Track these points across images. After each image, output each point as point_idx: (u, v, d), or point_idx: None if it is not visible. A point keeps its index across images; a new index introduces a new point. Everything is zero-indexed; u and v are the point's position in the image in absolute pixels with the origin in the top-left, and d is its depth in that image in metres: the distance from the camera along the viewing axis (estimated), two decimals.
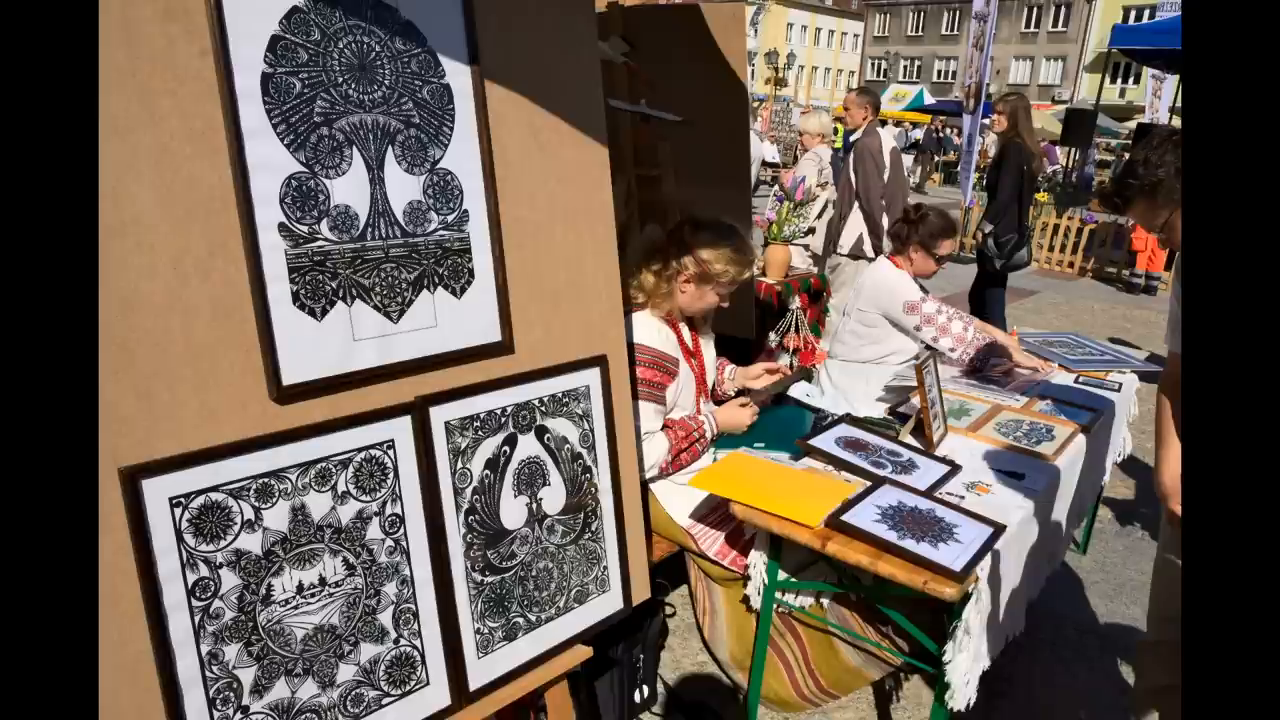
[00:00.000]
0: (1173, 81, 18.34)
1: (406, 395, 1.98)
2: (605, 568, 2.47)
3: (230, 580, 1.72)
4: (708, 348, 3.56)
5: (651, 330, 3.25)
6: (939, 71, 61.99)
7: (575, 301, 2.33)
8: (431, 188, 1.96)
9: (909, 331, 4.48)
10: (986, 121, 14.39)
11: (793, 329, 5.96)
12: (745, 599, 3.11)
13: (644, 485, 3.10)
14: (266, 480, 1.76)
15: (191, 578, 1.67)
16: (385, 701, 1.99)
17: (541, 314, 2.25)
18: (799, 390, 3.84)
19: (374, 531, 1.94)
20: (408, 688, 2.03)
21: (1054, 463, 3.23)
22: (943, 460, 3.19)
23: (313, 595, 1.85)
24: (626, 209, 4.60)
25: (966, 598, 2.49)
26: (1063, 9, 54.64)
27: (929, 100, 38.97)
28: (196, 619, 1.68)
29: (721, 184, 5.00)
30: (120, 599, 1.58)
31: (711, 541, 3.23)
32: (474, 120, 2.02)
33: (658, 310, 3.29)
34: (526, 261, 2.19)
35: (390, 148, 1.88)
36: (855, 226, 7.47)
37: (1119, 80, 46.83)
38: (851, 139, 7.64)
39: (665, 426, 3.26)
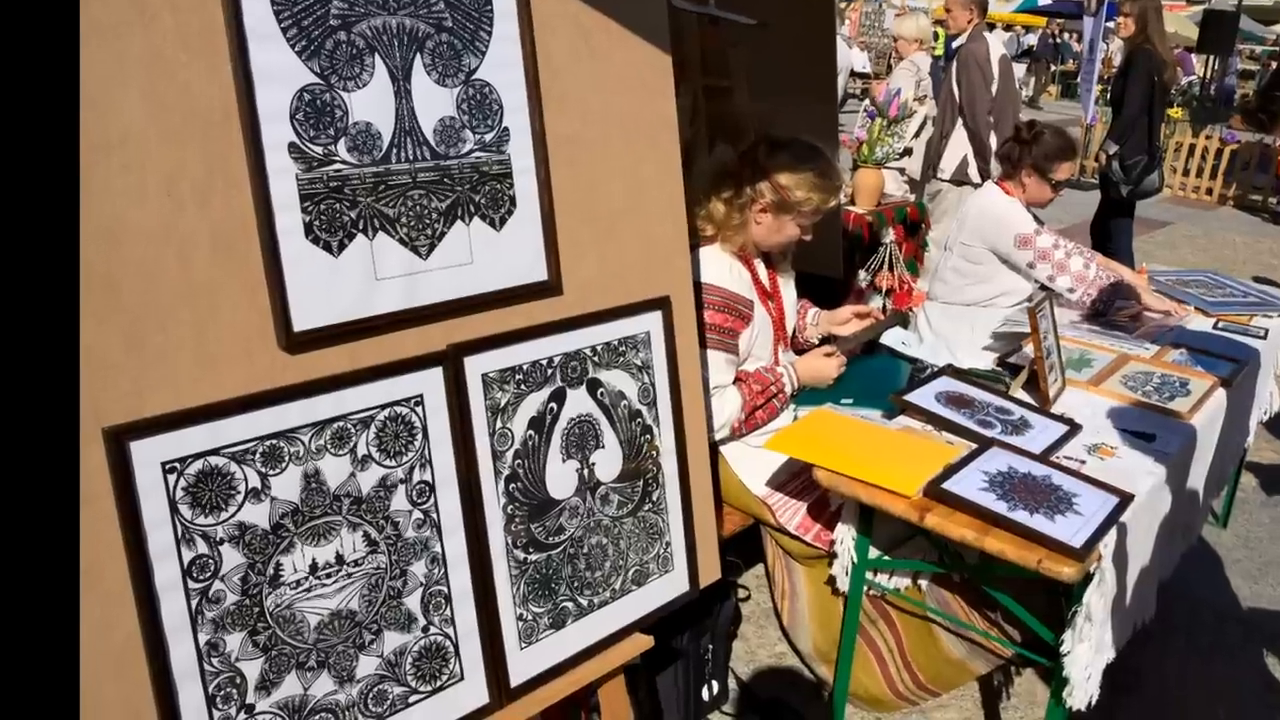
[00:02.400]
0: None
1: (437, 343, 1.97)
2: (668, 544, 2.46)
3: (232, 558, 1.71)
4: (787, 288, 3.55)
5: (722, 268, 3.23)
6: None
7: (633, 234, 2.32)
8: (466, 102, 1.94)
9: (1021, 269, 4.47)
10: (1111, 25, 14.13)
11: (886, 266, 5.95)
12: (830, 580, 3.11)
13: (713, 448, 3.14)
14: (275, 442, 1.75)
15: (187, 555, 1.65)
16: (412, 699, 1.98)
17: (594, 249, 2.23)
18: (893, 338, 3.86)
19: (399, 502, 1.93)
20: (439, 683, 2.02)
21: (1189, 421, 3.20)
22: (1060, 419, 3.16)
23: (328, 576, 1.84)
24: (692, 126, 4.56)
25: (1088, 579, 2.46)
26: None
27: (1044, 0, 38.32)
28: (193, 603, 1.67)
29: (803, 97, 4.92)
30: (104, 578, 1.57)
31: (791, 513, 3.23)
32: (515, 22, 2.00)
33: (729, 245, 3.27)
34: (577, 187, 2.17)
35: (418, 55, 1.86)
36: (958, 147, 7.41)
37: None
38: (954, 45, 7.62)
39: (738, 379, 3.25)
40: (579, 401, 2.24)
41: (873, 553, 2.95)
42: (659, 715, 3.03)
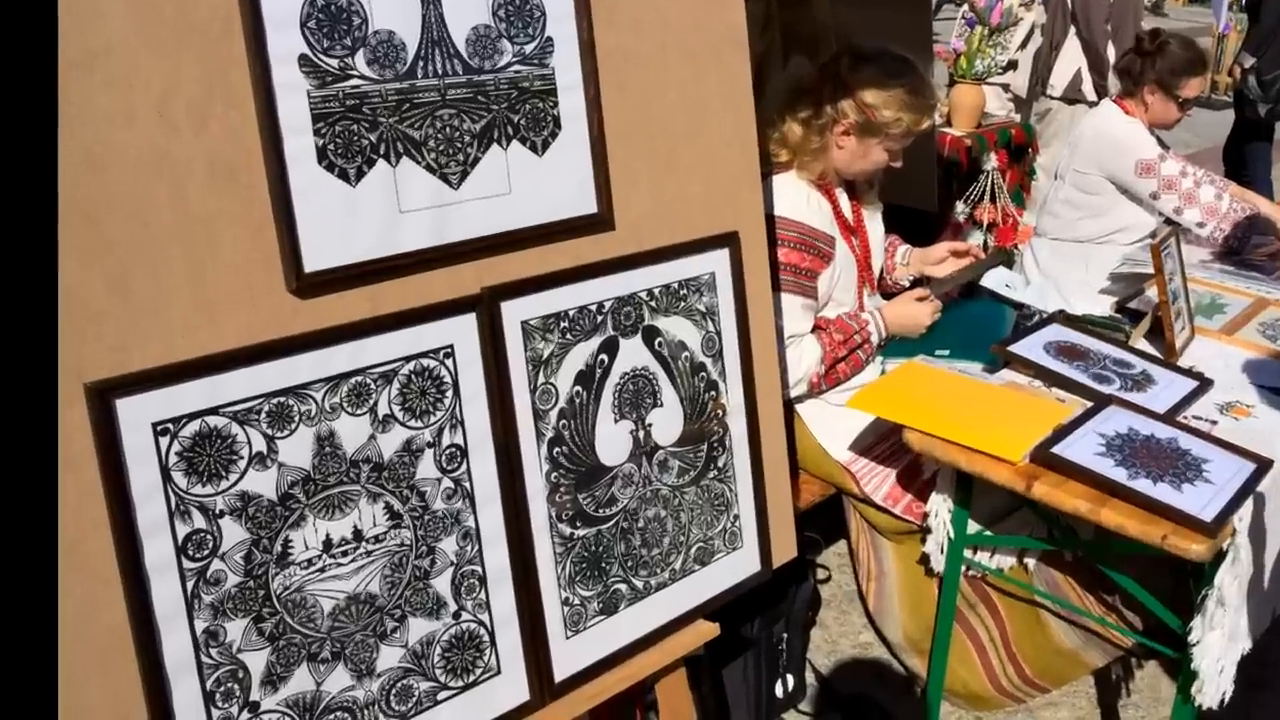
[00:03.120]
0: None
1: (470, 286, 1.96)
2: (736, 517, 2.45)
3: (234, 534, 1.70)
4: (873, 222, 3.54)
5: (799, 199, 3.20)
6: None
7: (696, 161, 2.30)
8: (503, 8, 1.93)
9: (1142, 200, 4.48)
10: None
11: (987, 197, 5.92)
12: (923, 559, 3.12)
13: (788, 406, 3.10)
14: (283, 400, 1.74)
15: (182, 530, 1.64)
16: (441, 696, 1.97)
17: (650, 177, 2.22)
18: (996, 279, 3.81)
19: (427, 468, 1.92)
20: (472, 677, 2.01)
21: None
22: (1188, 373, 3.16)
23: (344, 554, 1.83)
24: (764, 37, 4.54)
25: (1220, 557, 2.44)
26: None
27: None
28: (189, 585, 1.65)
29: (891, 3, 4.85)
30: (88, 557, 1.56)
31: (878, 482, 3.23)
32: None
33: (807, 172, 3.25)
34: (631, 106, 2.16)
35: None
36: (1071, 60, 7.36)
37: None
38: None
39: (816, 327, 3.25)
40: (633, 353, 2.22)
41: (972, 527, 2.94)
42: (726, 714, 3.03)
